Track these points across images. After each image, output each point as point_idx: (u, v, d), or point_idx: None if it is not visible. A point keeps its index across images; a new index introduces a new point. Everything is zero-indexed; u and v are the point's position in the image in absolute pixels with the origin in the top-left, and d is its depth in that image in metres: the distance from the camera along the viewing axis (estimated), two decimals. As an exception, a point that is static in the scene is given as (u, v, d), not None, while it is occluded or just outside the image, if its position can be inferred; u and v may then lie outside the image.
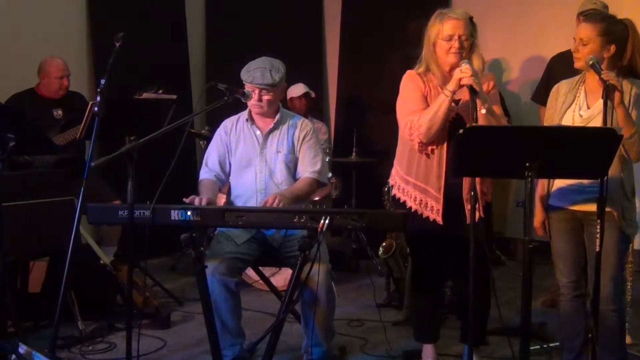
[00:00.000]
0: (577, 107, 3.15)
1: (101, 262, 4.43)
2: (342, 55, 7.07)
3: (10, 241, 3.62)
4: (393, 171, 3.56)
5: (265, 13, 6.85)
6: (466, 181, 3.26)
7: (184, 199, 3.25)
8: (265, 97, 3.57)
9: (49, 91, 4.98)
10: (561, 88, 3.25)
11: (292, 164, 3.66)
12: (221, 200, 4.18)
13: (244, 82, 3.56)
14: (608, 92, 2.84)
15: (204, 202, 3.28)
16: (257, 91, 3.55)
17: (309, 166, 3.65)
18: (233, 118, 3.75)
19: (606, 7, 4.38)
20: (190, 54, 6.76)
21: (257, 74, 3.52)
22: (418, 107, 3.31)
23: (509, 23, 6.22)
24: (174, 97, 4.46)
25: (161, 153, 3.36)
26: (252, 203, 3.59)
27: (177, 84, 5.90)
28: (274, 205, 3.30)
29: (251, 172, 3.64)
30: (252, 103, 3.59)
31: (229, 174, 3.72)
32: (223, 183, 3.74)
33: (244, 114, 3.71)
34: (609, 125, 2.83)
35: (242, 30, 6.74)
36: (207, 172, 3.70)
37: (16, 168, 4.12)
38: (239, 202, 3.66)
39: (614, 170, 2.99)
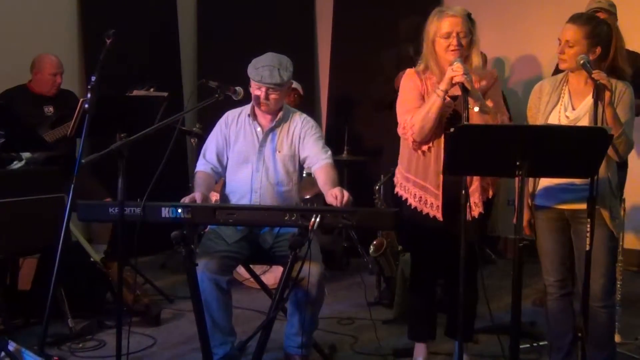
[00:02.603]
0: (562, 108, 3.15)
1: (91, 259, 4.42)
2: (334, 53, 7.07)
3: (-1, 238, 3.62)
4: (397, 170, 3.56)
5: (257, 11, 6.84)
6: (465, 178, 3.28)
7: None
8: (272, 96, 3.51)
9: (41, 88, 4.95)
10: (544, 87, 3.25)
11: (291, 165, 3.62)
12: (213, 197, 4.17)
13: (251, 79, 3.50)
14: (599, 91, 2.85)
15: (197, 198, 3.27)
16: (263, 89, 3.49)
17: (322, 154, 3.59)
18: (236, 111, 3.69)
19: (613, 5, 4.37)
20: (182, 52, 6.74)
21: (266, 72, 3.46)
22: (413, 106, 3.32)
23: (501, 22, 6.23)
24: (165, 94, 4.45)
25: (152, 150, 3.36)
26: (245, 201, 3.56)
27: (168, 82, 5.89)
28: (344, 199, 3.19)
29: (247, 170, 3.59)
30: (258, 101, 3.53)
31: (226, 167, 3.67)
32: (219, 176, 3.70)
33: (246, 108, 3.65)
34: (599, 125, 2.85)
35: (233, 28, 6.73)
36: (204, 164, 3.65)
37: (3, 165, 4.10)
38: (233, 199, 3.62)
39: (601, 169, 3.01)
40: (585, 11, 4.31)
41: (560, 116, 3.14)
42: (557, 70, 4.84)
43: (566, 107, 3.15)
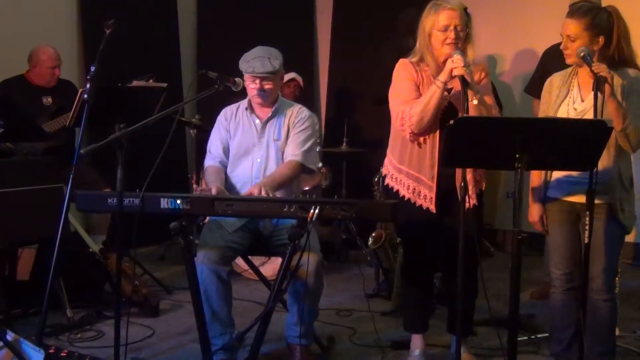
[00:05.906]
0: (571, 101, 3.14)
1: (90, 250, 4.42)
2: (334, 45, 7.06)
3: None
4: (386, 160, 3.55)
5: (257, 2, 6.83)
6: (459, 170, 3.27)
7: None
8: (267, 86, 3.54)
9: (39, 80, 4.93)
10: (554, 81, 3.24)
11: None
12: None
13: (243, 73, 3.52)
14: (599, 84, 2.84)
15: (213, 192, 3.28)
16: (258, 81, 3.52)
17: (295, 149, 3.60)
18: (233, 106, 3.72)
19: None
20: (181, 42, 6.73)
21: (257, 63, 3.49)
22: (410, 97, 3.30)
23: (500, 16, 6.23)
24: (165, 85, 4.44)
25: (151, 141, 3.35)
26: (246, 189, 3.55)
27: (167, 72, 5.88)
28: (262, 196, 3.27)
29: (248, 161, 3.62)
30: (253, 93, 3.56)
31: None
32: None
33: (243, 103, 3.69)
34: (600, 117, 2.84)
35: (233, 19, 6.72)
36: (212, 159, 3.68)
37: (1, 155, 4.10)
38: (234, 189, 3.63)
39: (611, 161, 3.00)
40: (570, 4, 4.28)
41: (568, 109, 3.13)
42: (541, 63, 4.86)
43: (575, 99, 3.14)
